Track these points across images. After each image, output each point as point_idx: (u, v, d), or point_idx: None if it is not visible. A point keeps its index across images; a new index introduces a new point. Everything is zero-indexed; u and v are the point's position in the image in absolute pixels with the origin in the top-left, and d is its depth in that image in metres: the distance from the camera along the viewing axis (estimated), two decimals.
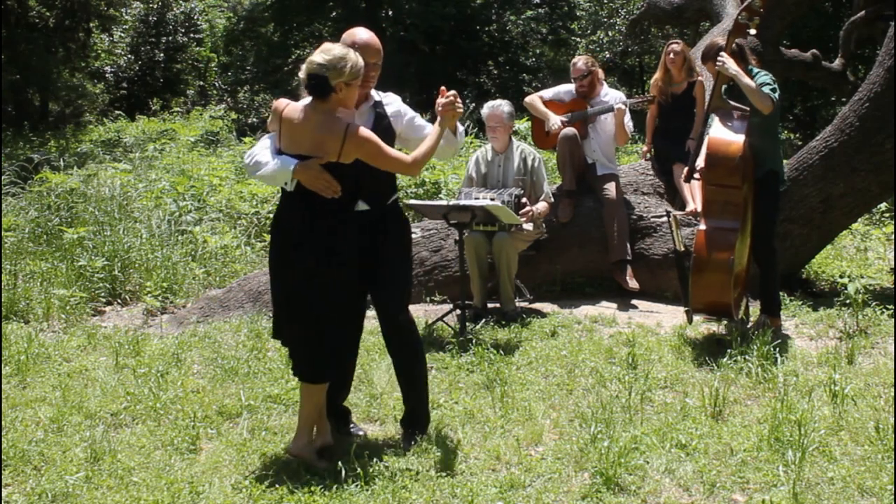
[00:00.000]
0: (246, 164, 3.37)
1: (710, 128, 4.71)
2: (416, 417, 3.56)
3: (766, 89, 4.54)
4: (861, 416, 3.61)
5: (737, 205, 4.62)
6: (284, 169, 3.19)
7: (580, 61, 6.15)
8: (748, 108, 4.65)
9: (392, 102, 3.55)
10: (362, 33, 3.41)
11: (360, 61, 3.20)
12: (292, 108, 3.27)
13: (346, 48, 3.22)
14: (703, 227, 4.68)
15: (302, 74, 3.20)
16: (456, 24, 19.82)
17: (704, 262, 4.60)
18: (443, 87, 3.42)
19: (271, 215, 7.51)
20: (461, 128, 3.56)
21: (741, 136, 4.59)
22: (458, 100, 3.39)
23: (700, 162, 4.78)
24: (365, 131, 3.23)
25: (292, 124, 3.23)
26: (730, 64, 4.59)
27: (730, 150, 4.58)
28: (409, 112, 3.57)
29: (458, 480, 3.17)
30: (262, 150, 3.31)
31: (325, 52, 3.17)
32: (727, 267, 4.51)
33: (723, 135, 4.63)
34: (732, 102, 4.76)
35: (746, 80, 4.56)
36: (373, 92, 3.48)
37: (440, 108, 3.38)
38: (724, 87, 4.79)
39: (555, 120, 6.00)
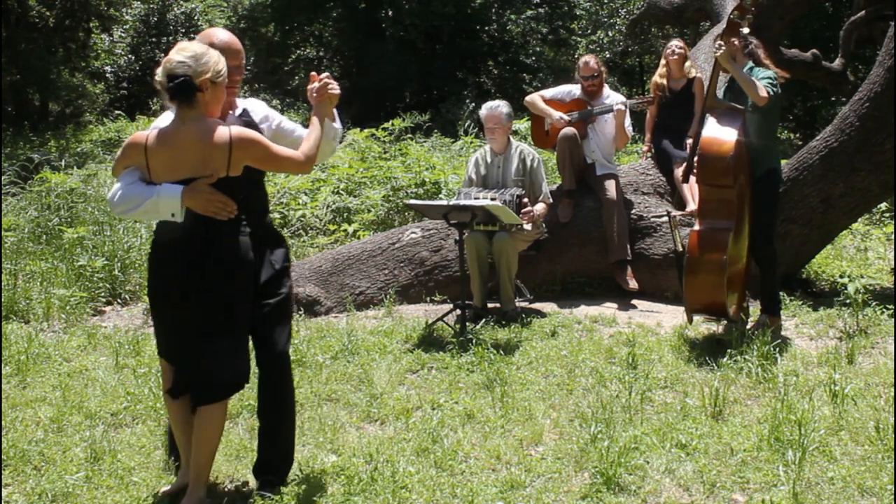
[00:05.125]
0: (113, 204, 2.92)
1: (704, 127, 4.72)
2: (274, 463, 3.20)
3: (765, 83, 4.54)
4: (861, 416, 3.61)
5: (730, 204, 4.63)
6: (171, 197, 2.83)
7: (592, 60, 6.16)
8: (743, 108, 4.65)
9: (257, 109, 3.27)
10: (221, 33, 3.13)
11: (222, 58, 2.93)
12: (157, 135, 2.91)
13: (204, 45, 2.95)
14: (697, 227, 4.68)
15: (160, 77, 2.87)
16: (456, 24, 19.81)
17: (698, 262, 4.60)
18: (313, 73, 3.19)
19: (271, 215, 7.56)
20: (337, 118, 3.31)
21: (734, 135, 4.60)
22: (333, 82, 3.13)
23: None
24: (249, 131, 2.94)
25: (165, 149, 2.88)
26: (726, 52, 4.60)
27: (722, 149, 4.59)
28: (277, 116, 3.33)
29: (458, 480, 3.17)
30: (126, 185, 2.91)
31: (182, 50, 2.88)
32: (720, 267, 4.51)
33: (716, 134, 4.64)
34: (728, 102, 4.76)
35: (742, 71, 4.57)
36: (237, 99, 3.22)
37: (315, 95, 3.13)
38: (718, 82, 4.79)
39: (557, 115, 6.00)
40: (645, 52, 19.38)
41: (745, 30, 4.75)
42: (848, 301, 4.99)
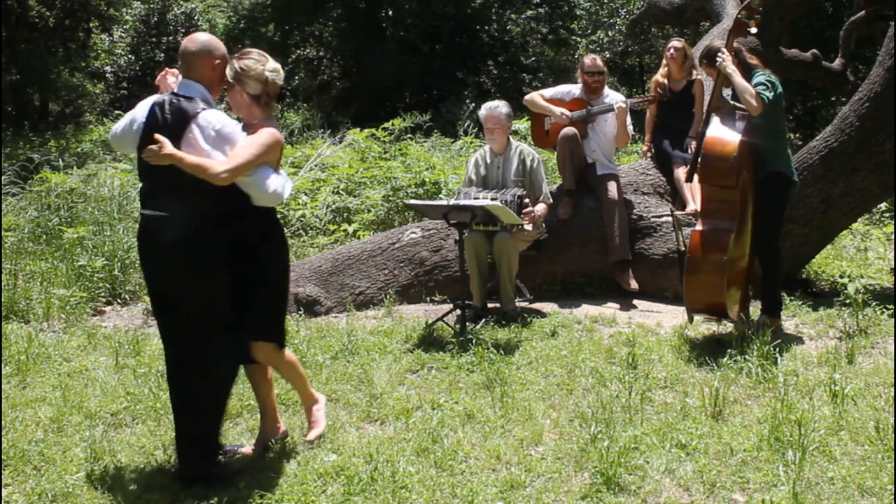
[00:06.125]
0: (285, 193, 3.30)
1: (708, 127, 4.73)
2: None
3: (760, 89, 4.55)
4: (861, 416, 3.61)
5: (732, 205, 4.63)
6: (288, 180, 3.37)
7: (598, 58, 6.17)
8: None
9: None
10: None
11: None
12: (278, 133, 3.31)
13: None
14: (699, 227, 4.69)
15: (281, 81, 3.36)
16: (456, 24, 19.80)
17: (699, 262, 4.60)
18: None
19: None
20: None
21: (738, 136, 4.62)
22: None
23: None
24: None
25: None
26: (727, 62, 4.62)
27: (725, 150, 4.60)
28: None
29: (458, 480, 3.17)
30: (278, 176, 3.26)
31: (270, 60, 3.35)
32: (720, 268, 4.51)
33: (719, 134, 4.65)
34: (733, 102, 4.78)
35: (739, 79, 4.59)
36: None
37: None
38: (724, 87, 4.81)
39: (559, 110, 5.99)
40: (645, 52, 19.36)
41: (753, 30, 4.77)
42: (848, 301, 4.99)
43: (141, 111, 3.25)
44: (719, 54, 4.69)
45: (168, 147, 2.99)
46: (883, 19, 8.29)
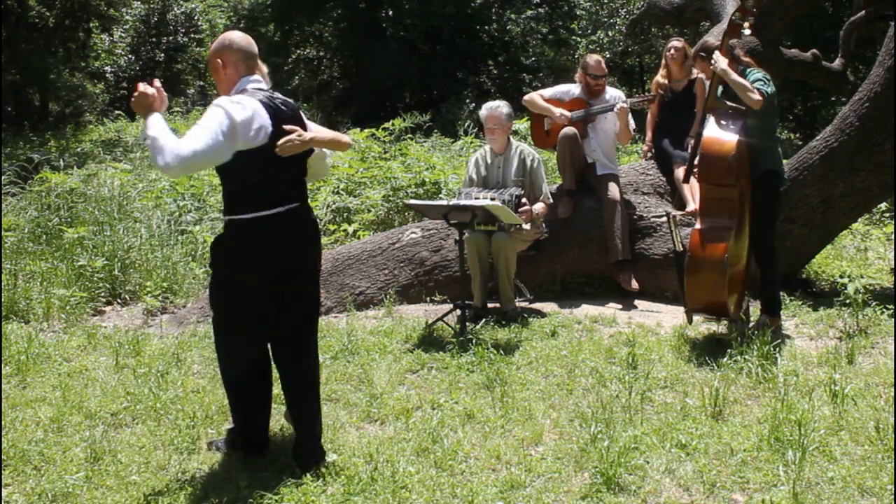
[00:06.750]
0: None
1: (705, 127, 4.74)
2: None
3: (758, 84, 4.56)
4: (861, 416, 3.61)
5: (731, 203, 4.64)
6: None
7: (602, 61, 6.16)
8: (744, 108, 4.67)
9: None
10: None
11: None
12: None
13: None
14: (698, 226, 4.70)
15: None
16: (456, 24, 19.81)
17: (699, 261, 4.61)
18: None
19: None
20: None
21: (735, 135, 4.63)
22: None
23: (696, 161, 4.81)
24: None
25: None
26: (720, 62, 4.63)
27: (723, 149, 4.61)
28: None
29: (458, 480, 3.17)
30: None
31: None
32: (721, 267, 4.52)
33: (716, 134, 4.67)
34: (728, 102, 4.78)
35: (734, 76, 4.60)
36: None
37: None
38: (719, 87, 4.82)
39: (559, 111, 5.99)
40: (645, 52, 19.37)
41: (747, 31, 4.78)
42: (848, 301, 4.99)
43: (244, 116, 3.04)
44: (713, 56, 4.70)
45: (305, 133, 3.18)
46: (883, 19, 8.28)
